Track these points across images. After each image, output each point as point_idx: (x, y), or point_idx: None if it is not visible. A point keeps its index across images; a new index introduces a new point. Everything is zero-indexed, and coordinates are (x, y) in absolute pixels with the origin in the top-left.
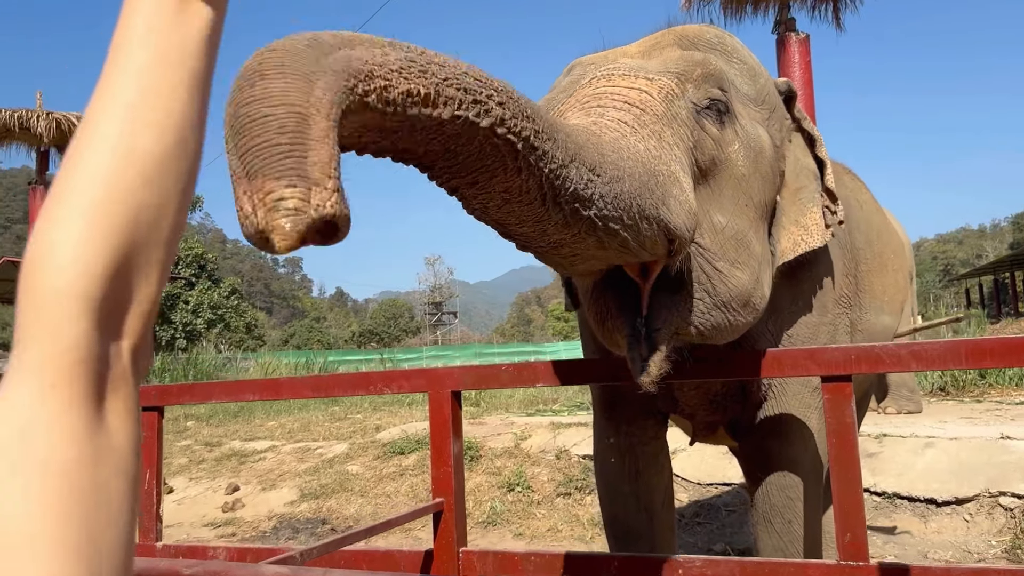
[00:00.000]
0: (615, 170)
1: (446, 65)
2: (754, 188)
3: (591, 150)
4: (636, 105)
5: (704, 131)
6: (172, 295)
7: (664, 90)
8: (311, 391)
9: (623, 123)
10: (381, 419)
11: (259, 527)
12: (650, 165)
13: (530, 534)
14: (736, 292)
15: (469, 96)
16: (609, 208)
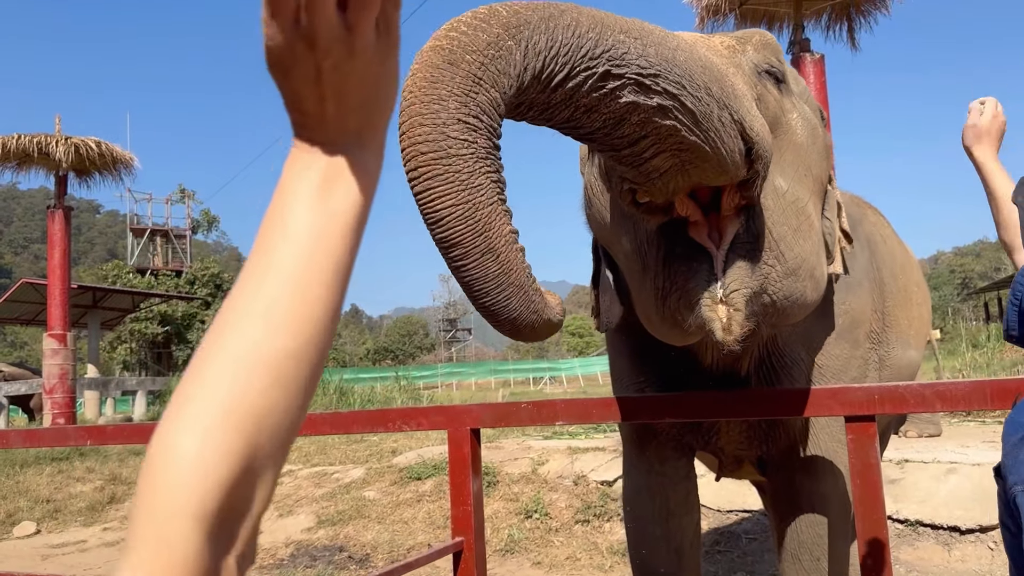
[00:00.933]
0: (668, 41)
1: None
2: (812, 159)
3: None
4: (700, 40)
5: (766, 88)
6: (189, 315)
7: (726, 43)
8: (330, 428)
9: (685, 40)
10: (397, 442)
11: (276, 555)
12: (714, 64)
13: (548, 563)
14: (803, 259)
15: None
16: (664, 68)
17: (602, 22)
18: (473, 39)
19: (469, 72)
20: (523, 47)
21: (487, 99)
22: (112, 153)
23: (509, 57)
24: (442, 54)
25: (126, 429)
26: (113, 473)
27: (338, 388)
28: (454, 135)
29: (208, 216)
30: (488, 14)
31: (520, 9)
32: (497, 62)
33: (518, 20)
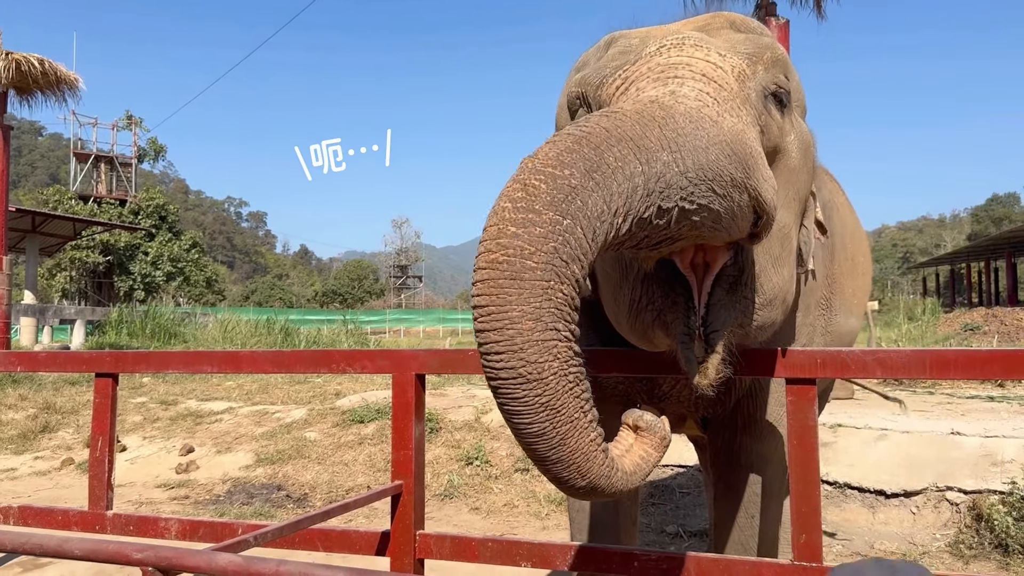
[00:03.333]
0: (698, 140)
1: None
2: (802, 182)
3: (670, 129)
4: (715, 80)
5: (770, 116)
6: (132, 245)
7: (737, 69)
8: (271, 366)
9: (705, 94)
10: (342, 385)
11: (213, 490)
12: (737, 136)
13: (487, 509)
14: (779, 289)
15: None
16: (700, 181)
17: (643, 146)
18: (529, 239)
19: (536, 284)
20: (581, 220)
21: (563, 298)
22: (56, 72)
23: (572, 240)
24: (502, 269)
25: (60, 357)
26: (47, 402)
27: (284, 329)
28: (532, 359)
29: (155, 145)
30: (528, 197)
31: (558, 174)
32: (562, 253)
33: (564, 190)
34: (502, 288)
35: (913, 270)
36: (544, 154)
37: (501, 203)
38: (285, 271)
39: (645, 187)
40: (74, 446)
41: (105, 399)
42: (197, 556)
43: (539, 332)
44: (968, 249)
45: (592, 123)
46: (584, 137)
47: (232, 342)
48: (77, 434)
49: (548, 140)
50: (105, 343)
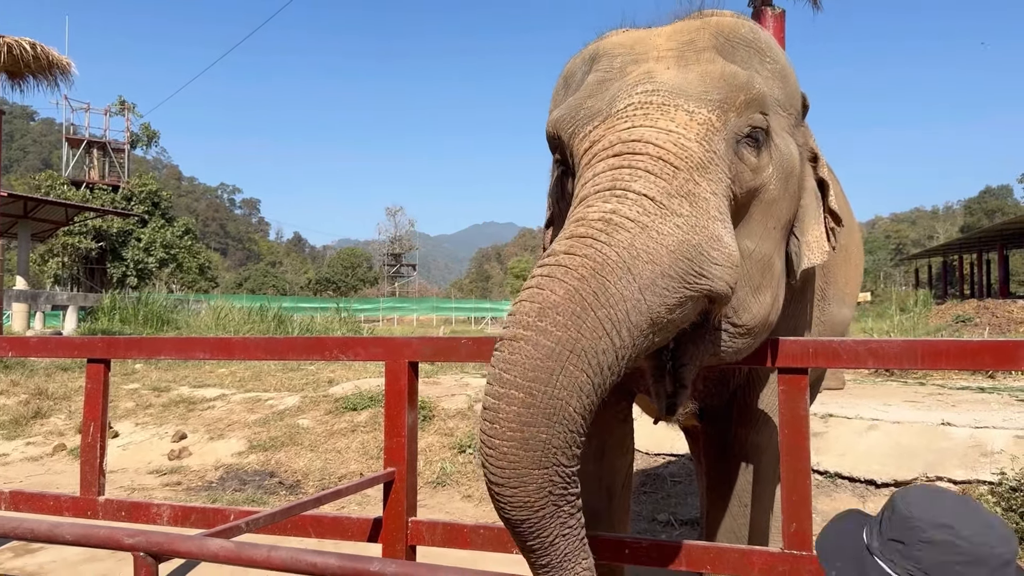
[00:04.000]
0: (628, 302)
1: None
2: (782, 209)
3: (601, 307)
4: (669, 162)
5: (743, 162)
6: (124, 231)
7: (704, 127)
8: (264, 353)
9: (648, 200)
10: (335, 372)
11: (205, 477)
12: (682, 244)
13: (479, 496)
14: (759, 318)
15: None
16: (637, 337)
17: (583, 351)
18: (520, 487)
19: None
20: (552, 464)
21: (560, 475)
22: (48, 56)
23: (550, 480)
24: (501, 462)
25: (51, 342)
26: (39, 387)
27: (277, 316)
28: (541, 510)
29: (148, 131)
30: (504, 456)
31: (525, 433)
32: (546, 489)
33: (534, 449)
34: (523, 522)
35: (906, 261)
36: (506, 415)
37: (491, 468)
38: (278, 258)
39: (596, 389)
40: (66, 432)
41: (97, 385)
42: (188, 541)
43: (544, 493)
44: (961, 241)
45: (535, 348)
46: (533, 380)
47: (225, 329)
48: (69, 420)
49: (501, 383)
50: (97, 329)
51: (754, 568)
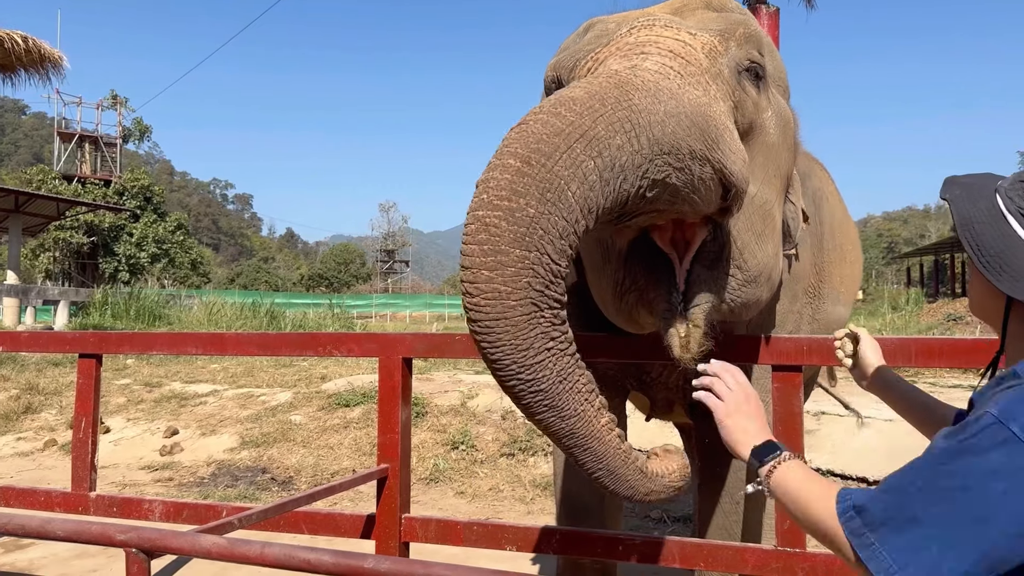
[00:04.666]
0: (653, 114)
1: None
2: (782, 158)
3: (623, 108)
4: (681, 55)
5: (745, 92)
6: (116, 226)
7: (708, 46)
8: (257, 349)
9: (668, 68)
10: (328, 368)
11: (197, 473)
12: (699, 108)
13: (472, 493)
14: (763, 266)
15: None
16: (655, 156)
17: (594, 137)
18: (503, 280)
19: (520, 318)
20: (547, 246)
21: (547, 319)
22: (40, 50)
23: (542, 268)
24: (488, 311)
25: (42, 337)
26: (30, 383)
27: (269, 312)
28: (530, 376)
29: (140, 125)
30: (493, 239)
31: (515, 206)
32: (536, 284)
33: (524, 223)
34: (492, 328)
35: (898, 260)
36: (496, 183)
37: (469, 246)
38: (271, 254)
39: (602, 179)
40: (57, 427)
41: (88, 380)
42: (181, 538)
43: (532, 359)
44: (952, 240)
45: (543, 126)
46: (535, 152)
47: (217, 325)
48: (60, 415)
49: (499, 155)
50: (89, 324)
51: (747, 565)
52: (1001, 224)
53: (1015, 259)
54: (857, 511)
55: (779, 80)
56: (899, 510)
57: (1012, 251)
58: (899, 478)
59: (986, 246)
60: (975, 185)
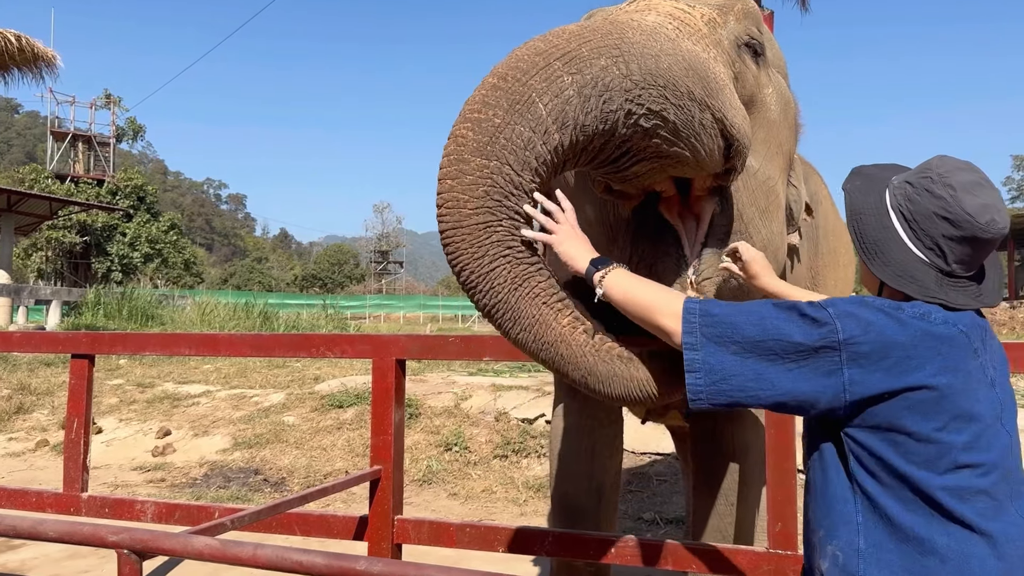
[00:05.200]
0: (647, 48)
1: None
2: (783, 136)
3: (613, 37)
4: (681, 20)
5: (744, 64)
6: (109, 226)
7: (706, 16)
8: (251, 350)
9: (667, 24)
10: (320, 369)
11: (189, 474)
12: (697, 57)
13: (465, 494)
14: (768, 242)
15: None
16: (648, 85)
17: (575, 57)
18: (462, 188)
19: (475, 226)
20: (508, 156)
21: (504, 230)
22: (33, 49)
23: (501, 178)
24: (448, 220)
25: (35, 337)
26: (21, 383)
27: (262, 313)
28: (486, 287)
29: (134, 125)
30: (458, 148)
31: (483, 117)
32: (494, 194)
33: (488, 132)
34: (452, 235)
35: None
36: (472, 99)
37: (442, 156)
38: (264, 254)
39: (580, 94)
40: (49, 428)
41: (81, 380)
42: (173, 539)
43: (486, 266)
44: None
45: (526, 47)
46: (513, 68)
47: (210, 325)
48: (52, 415)
49: (486, 76)
50: (81, 324)
51: (739, 567)
52: (883, 217)
53: (889, 249)
54: (702, 316)
55: (779, 66)
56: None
57: (888, 242)
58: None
59: (868, 236)
60: (875, 177)
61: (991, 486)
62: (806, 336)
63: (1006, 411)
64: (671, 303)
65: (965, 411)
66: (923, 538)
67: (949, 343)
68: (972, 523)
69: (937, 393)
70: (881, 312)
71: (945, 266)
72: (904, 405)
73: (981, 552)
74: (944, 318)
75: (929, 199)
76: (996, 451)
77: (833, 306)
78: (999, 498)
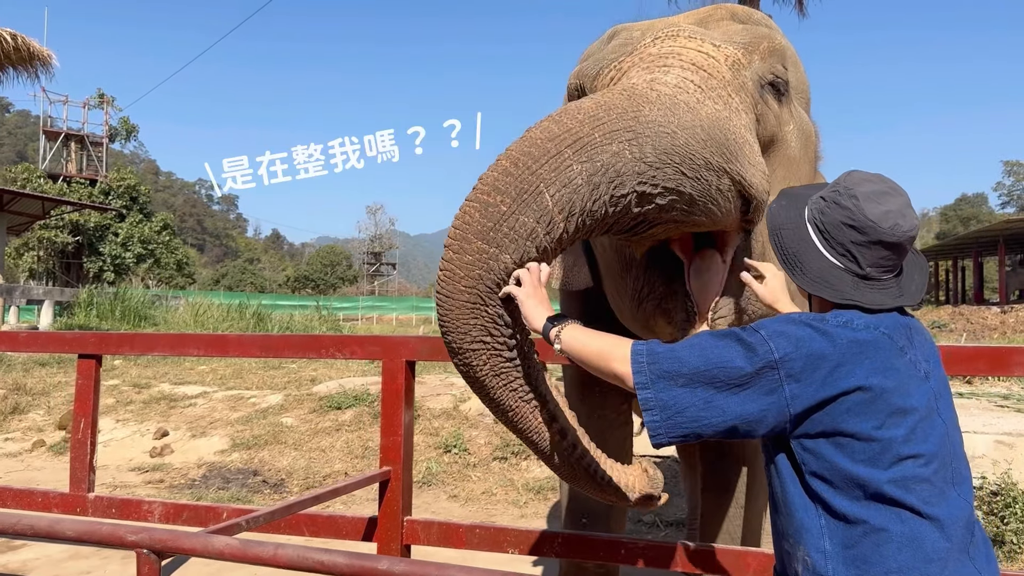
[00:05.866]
0: (663, 125)
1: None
2: (803, 172)
3: (628, 118)
4: (703, 68)
5: (767, 105)
6: (102, 226)
7: (731, 58)
8: (259, 350)
9: (689, 81)
10: (317, 371)
11: (188, 475)
12: (717, 121)
13: (465, 496)
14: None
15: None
16: (663, 165)
17: (587, 143)
18: (460, 265)
19: (464, 304)
20: (508, 245)
21: (489, 316)
22: (29, 48)
23: (497, 266)
24: (443, 289)
25: (42, 337)
26: (17, 383)
27: (256, 314)
28: (466, 362)
29: (127, 125)
30: (464, 226)
31: (491, 201)
32: (487, 280)
33: (493, 219)
34: (443, 303)
35: None
36: (485, 178)
37: (451, 226)
38: (256, 255)
39: (589, 183)
40: (45, 428)
41: (88, 380)
42: (193, 539)
43: (468, 343)
44: (936, 248)
45: (540, 130)
46: (524, 154)
47: (203, 326)
48: (48, 416)
49: (499, 156)
50: (74, 324)
51: (748, 569)
52: (801, 230)
53: (808, 260)
54: (648, 355)
55: (801, 92)
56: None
57: (806, 252)
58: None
59: (788, 248)
60: (801, 196)
61: (932, 474)
62: (746, 361)
63: (941, 400)
64: (620, 348)
65: (900, 407)
66: (879, 528)
67: (874, 346)
68: (919, 509)
69: (871, 394)
70: (808, 327)
71: (859, 270)
72: (842, 409)
73: (932, 535)
74: (865, 323)
75: (837, 210)
76: (933, 441)
77: (764, 328)
78: (940, 484)
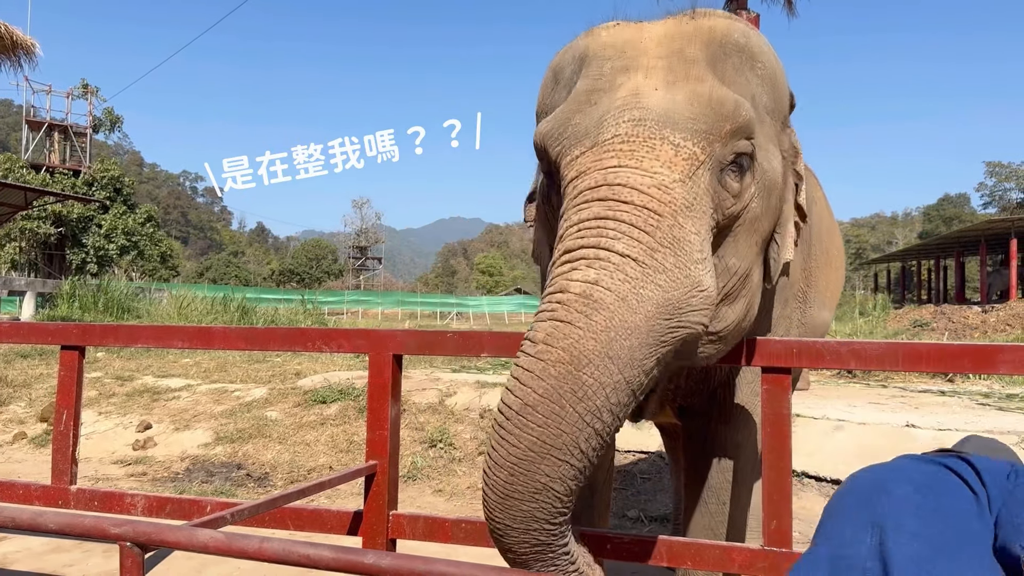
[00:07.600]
0: (607, 379)
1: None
2: (764, 225)
3: (568, 402)
4: (653, 210)
5: (725, 190)
6: (85, 217)
7: (689, 162)
8: (245, 343)
9: (631, 262)
10: (302, 364)
11: (171, 468)
12: (661, 308)
13: (450, 491)
14: (731, 326)
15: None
16: (624, 401)
17: (558, 443)
18: (505, 510)
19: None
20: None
21: (546, 532)
22: (12, 36)
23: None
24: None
25: (23, 327)
26: None
27: (240, 307)
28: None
29: (111, 115)
30: (501, 485)
31: (509, 474)
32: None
33: (526, 486)
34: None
35: (865, 266)
36: (495, 482)
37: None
38: (241, 248)
39: (579, 466)
40: (27, 420)
41: (71, 372)
42: (177, 532)
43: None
44: (919, 247)
45: (512, 440)
46: (515, 466)
47: (187, 319)
48: (30, 408)
49: (489, 444)
50: (57, 316)
51: (734, 564)
52: None
53: None
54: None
55: (778, 111)
56: None
57: None
58: None
59: None
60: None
61: None
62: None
63: None
64: None
65: None
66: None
67: None
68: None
69: None
70: None
71: None
72: None
73: None
74: None
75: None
76: None
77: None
78: None
